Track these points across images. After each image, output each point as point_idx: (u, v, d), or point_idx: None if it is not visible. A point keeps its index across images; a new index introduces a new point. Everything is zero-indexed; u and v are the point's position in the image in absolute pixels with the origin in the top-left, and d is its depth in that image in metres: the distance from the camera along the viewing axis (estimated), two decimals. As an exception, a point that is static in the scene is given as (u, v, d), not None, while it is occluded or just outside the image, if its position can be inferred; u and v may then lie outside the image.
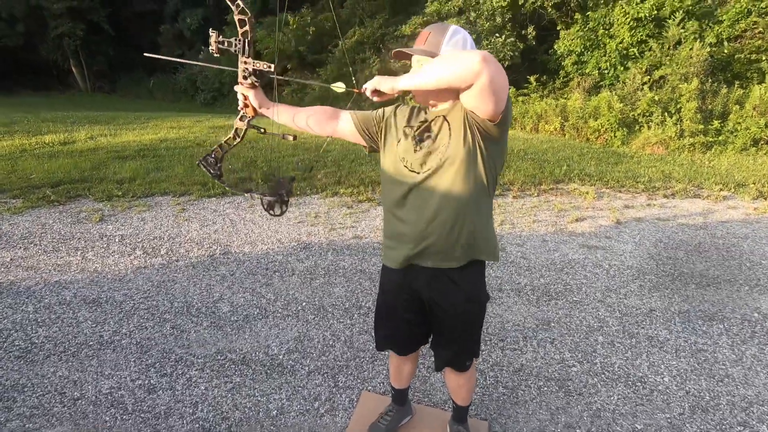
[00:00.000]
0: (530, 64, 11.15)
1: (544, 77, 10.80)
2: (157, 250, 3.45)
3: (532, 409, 2.00)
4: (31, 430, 1.82)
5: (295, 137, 1.50)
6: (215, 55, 1.29)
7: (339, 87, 1.37)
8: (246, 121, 1.41)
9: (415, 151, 1.34)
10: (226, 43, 1.27)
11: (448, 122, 1.31)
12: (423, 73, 1.19)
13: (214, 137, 7.60)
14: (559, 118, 9.09)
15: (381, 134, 1.45)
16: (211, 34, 1.27)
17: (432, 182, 1.32)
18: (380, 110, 1.47)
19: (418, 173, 1.32)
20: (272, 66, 1.29)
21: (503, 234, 3.93)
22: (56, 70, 22.33)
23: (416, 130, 1.36)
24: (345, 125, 1.48)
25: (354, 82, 1.47)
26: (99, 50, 21.19)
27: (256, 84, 1.35)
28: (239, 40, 1.26)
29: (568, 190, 5.26)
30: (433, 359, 1.62)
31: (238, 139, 1.43)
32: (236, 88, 1.37)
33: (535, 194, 5.04)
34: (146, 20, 21.52)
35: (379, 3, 14.88)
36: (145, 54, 1.29)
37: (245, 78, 1.32)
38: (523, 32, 11.03)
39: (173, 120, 9.94)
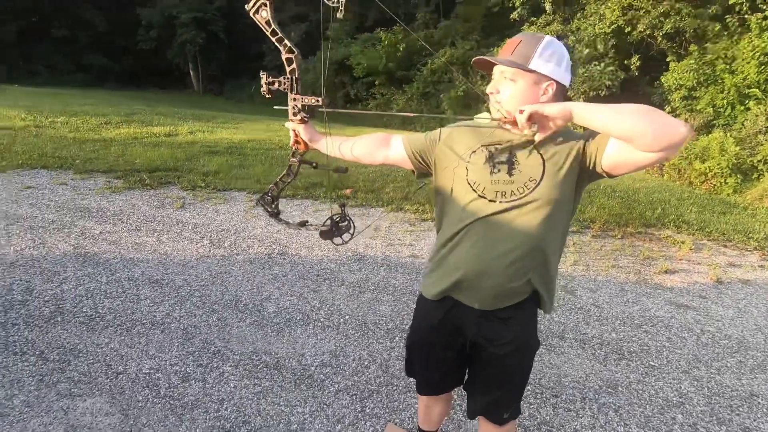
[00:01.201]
0: (631, 95, 10.29)
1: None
2: (222, 242, 3.61)
3: (580, 487, 1.70)
4: (75, 395, 1.92)
5: (346, 169, 1.47)
6: (267, 96, 1.31)
7: (483, 117, 1.22)
8: (298, 156, 1.39)
9: (491, 173, 1.17)
10: (276, 83, 1.29)
11: (540, 154, 1.14)
12: (614, 112, 0.99)
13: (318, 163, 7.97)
14: (658, 156, 8.23)
15: (435, 158, 1.29)
16: (261, 75, 1.30)
17: (510, 216, 1.15)
18: (436, 131, 1.34)
19: (494, 202, 1.16)
20: (320, 99, 1.28)
21: (574, 275, 3.55)
22: (177, 72, 25.39)
23: (495, 152, 1.18)
24: (396, 153, 1.35)
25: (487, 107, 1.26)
26: (213, 56, 23.72)
27: (306, 119, 1.33)
28: (287, 78, 1.27)
29: (659, 236, 4.65)
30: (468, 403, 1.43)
31: (292, 176, 1.43)
32: (287, 124, 1.36)
33: (619, 236, 4.53)
34: (257, 31, 23.71)
35: (472, 25, 14.83)
36: (276, 107, 1.39)
37: (295, 114, 1.31)
38: (626, 61, 10.24)
39: (264, 123, 10.67)
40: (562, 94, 1.16)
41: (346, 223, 1.42)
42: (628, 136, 0.98)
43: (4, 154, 5.54)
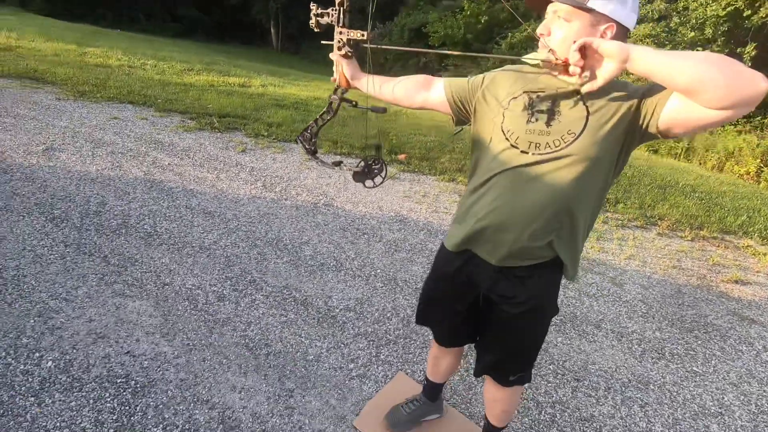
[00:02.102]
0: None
1: (753, 110, 8.75)
2: (274, 187, 3.78)
3: (584, 469, 1.64)
4: (127, 295, 2.15)
5: (385, 110, 1.43)
6: (315, 29, 1.27)
7: (532, 58, 1.11)
8: (339, 94, 1.38)
9: (528, 122, 1.09)
10: (324, 16, 1.26)
11: (586, 106, 1.04)
12: (680, 57, 0.87)
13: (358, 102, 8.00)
14: (758, 161, 7.30)
15: (475, 104, 1.21)
16: (311, 6, 1.26)
17: (541, 169, 1.07)
18: (480, 76, 1.26)
19: (527, 153, 1.08)
20: (365, 34, 1.23)
21: (627, 269, 3.31)
22: (259, 29, 26.21)
23: (536, 100, 1.09)
24: (436, 95, 1.28)
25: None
26: (294, 15, 24.12)
27: (350, 54, 1.30)
28: (335, 10, 1.23)
29: (737, 245, 4.18)
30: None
31: (332, 114, 1.41)
32: (331, 56, 1.33)
33: (689, 238, 4.13)
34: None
35: None
36: (323, 42, 1.38)
37: (340, 48, 1.29)
38: (738, 50, 9.01)
39: (332, 84, 10.77)
40: (623, 38, 1.04)
41: (379, 165, 1.41)
42: (695, 87, 0.84)
43: (100, 88, 6.11)
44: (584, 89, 0.99)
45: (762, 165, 7.28)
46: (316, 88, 9.62)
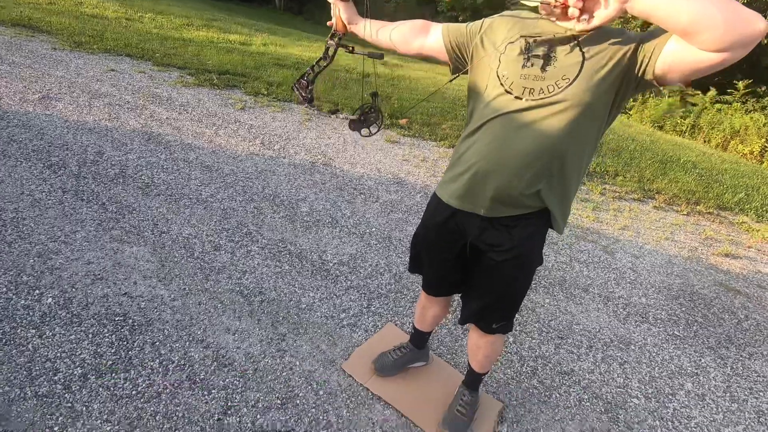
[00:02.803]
0: (745, 65, 8.93)
1: (763, 88, 8.59)
2: (272, 145, 3.76)
3: (560, 416, 1.72)
4: (124, 241, 2.19)
5: (382, 55, 1.39)
6: None
7: (530, 2, 1.07)
8: (336, 39, 1.34)
9: (523, 66, 1.08)
10: None
11: (582, 52, 1.03)
12: None
13: (362, 66, 7.83)
14: (763, 140, 7.24)
15: (472, 49, 1.20)
16: None
17: (533, 115, 1.07)
18: (478, 21, 1.24)
19: (521, 99, 1.08)
20: None
21: (619, 239, 3.35)
22: (262, -14, 25.16)
23: (533, 44, 1.08)
24: (433, 41, 1.25)
25: None
26: (297, -26, 23.14)
27: None
28: None
29: (732, 221, 4.21)
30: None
31: (329, 60, 1.38)
32: None
33: (685, 212, 4.15)
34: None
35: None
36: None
37: None
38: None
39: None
40: None
41: (375, 114, 1.40)
42: (694, 27, 0.83)
43: (96, 39, 5.95)
44: (580, 27, 0.99)
45: (767, 144, 7.22)
46: (318, 49, 9.36)
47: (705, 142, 8.05)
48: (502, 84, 1.11)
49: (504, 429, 1.62)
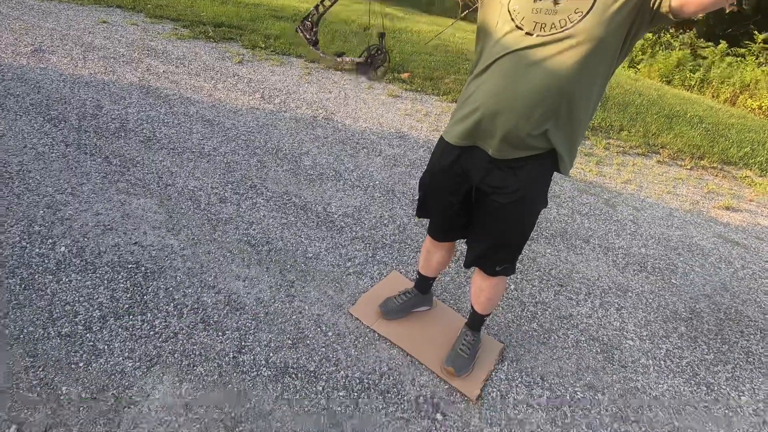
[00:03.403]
0: (760, 15, 8.57)
1: (778, 40, 8.27)
2: (273, 99, 3.69)
3: (558, 355, 1.81)
4: (131, 193, 2.21)
5: None
6: None
7: None
8: None
9: (536, 0, 1.06)
10: None
11: None
12: None
13: (366, 19, 7.53)
14: (773, 94, 7.07)
15: None
16: None
17: (544, 51, 1.05)
18: None
19: (531, 35, 1.06)
20: None
21: (622, 192, 3.36)
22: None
23: None
24: None
25: None
26: None
27: None
28: None
29: (735, 175, 4.20)
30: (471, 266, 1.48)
31: (333, 0, 1.31)
32: None
33: (688, 167, 4.14)
34: None
35: None
36: None
37: None
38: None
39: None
40: None
41: (383, 55, 1.37)
42: None
43: (85, -11, 5.70)
44: None
45: (776, 99, 7.06)
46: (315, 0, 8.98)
47: (713, 97, 7.87)
48: (513, 19, 1.09)
49: (504, 367, 1.70)
